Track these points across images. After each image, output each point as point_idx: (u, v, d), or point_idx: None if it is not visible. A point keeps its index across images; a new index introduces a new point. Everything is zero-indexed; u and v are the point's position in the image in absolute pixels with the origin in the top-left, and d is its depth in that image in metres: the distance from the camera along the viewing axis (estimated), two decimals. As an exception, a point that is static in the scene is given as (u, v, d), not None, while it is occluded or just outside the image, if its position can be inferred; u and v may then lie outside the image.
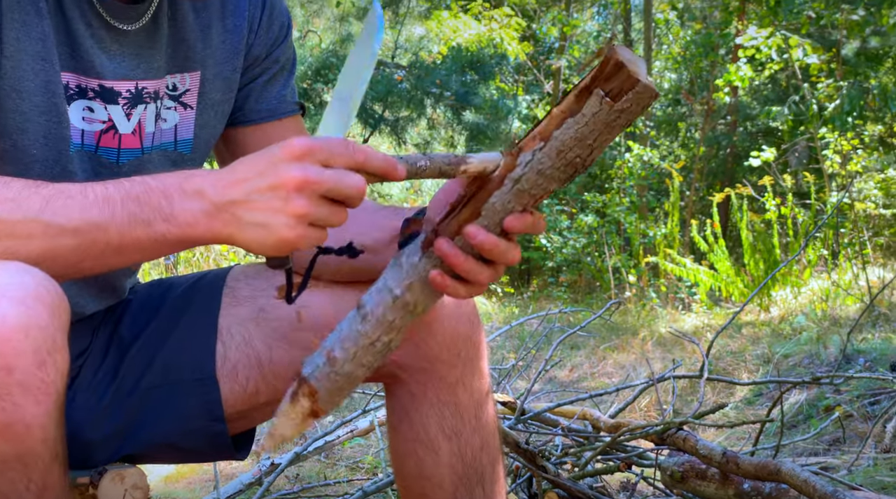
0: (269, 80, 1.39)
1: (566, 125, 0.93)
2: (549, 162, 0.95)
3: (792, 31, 8.83)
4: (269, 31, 1.37)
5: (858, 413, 3.28)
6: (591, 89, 0.92)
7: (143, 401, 1.30)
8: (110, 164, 1.25)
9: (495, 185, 0.98)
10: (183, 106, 1.31)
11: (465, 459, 1.33)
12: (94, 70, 1.20)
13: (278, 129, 1.40)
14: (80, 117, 1.21)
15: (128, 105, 1.24)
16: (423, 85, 6.30)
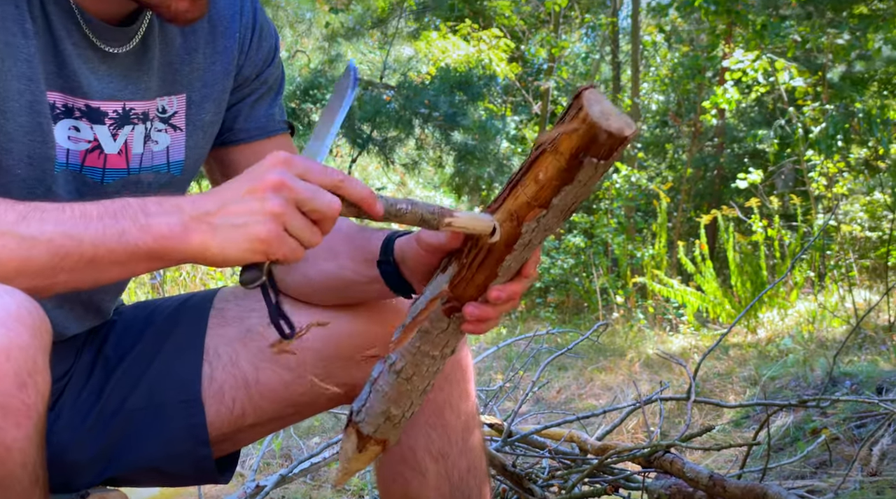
0: (258, 99, 1.39)
1: (563, 192, 0.96)
2: (554, 222, 1.00)
3: (778, 54, 8.90)
4: (258, 52, 1.37)
5: (845, 436, 3.28)
6: (580, 159, 0.93)
7: (127, 423, 1.29)
8: (94, 183, 1.25)
9: (505, 249, 1.02)
10: (173, 128, 1.31)
11: (451, 481, 1.33)
12: (80, 90, 1.20)
13: (267, 147, 1.40)
14: (65, 136, 1.20)
15: (114, 125, 1.24)
16: (411, 105, 6.31)
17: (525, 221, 0.98)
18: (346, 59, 7.01)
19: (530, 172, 0.96)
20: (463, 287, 1.05)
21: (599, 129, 0.90)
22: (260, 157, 1.38)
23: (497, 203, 1.01)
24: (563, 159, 0.93)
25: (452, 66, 7.85)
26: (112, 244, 0.97)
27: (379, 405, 1.11)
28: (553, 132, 0.94)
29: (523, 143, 12.61)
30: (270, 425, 1.37)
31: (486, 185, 10.38)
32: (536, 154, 0.96)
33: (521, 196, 0.97)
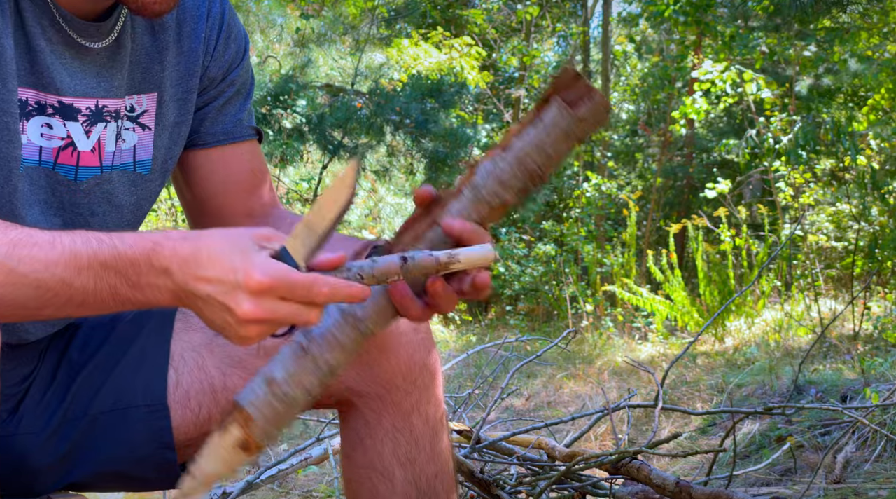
0: (225, 102, 1.39)
1: (526, 133, 0.95)
2: (509, 169, 0.96)
3: (746, 65, 9.00)
4: (225, 52, 1.37)
5: (810, 444, 3.31)
6: (549, 98, 0.95)
7: (91, 426, 1.28)
8: (68, 181, 1.24)
9: (453, 195, 0.98)
10: (141, 127, 1.30)
11: (419, 486, 1.32)
12: (53, 86, 1.19)
13: (233, 153, 1.40)
14: (38, 134, 1.19)
15: (87, 122, 1.23)
16: (382, 112, 6.31)
17: (482, 161, 0.97)
18: (317, 65, 6.99)
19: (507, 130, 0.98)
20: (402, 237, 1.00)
21: (577, 74, 0.94)
22: (226, 163, 1.38)
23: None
24: (535, 107, 0.96)
25: (424, 73, 7.86)
26: (103, 295, 0.97)
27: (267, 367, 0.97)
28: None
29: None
30: None
31: (456, 192, 10.38)
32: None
33: (491, 147, 0.99)
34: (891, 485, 2.75)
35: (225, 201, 1.41)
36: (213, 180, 1.40)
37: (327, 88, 6.94)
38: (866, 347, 5.33)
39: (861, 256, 7.50)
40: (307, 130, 6.24)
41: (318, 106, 6.32)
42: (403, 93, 6.56)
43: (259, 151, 1.44)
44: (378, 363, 1.29)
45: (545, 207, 12.11)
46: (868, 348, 5.27)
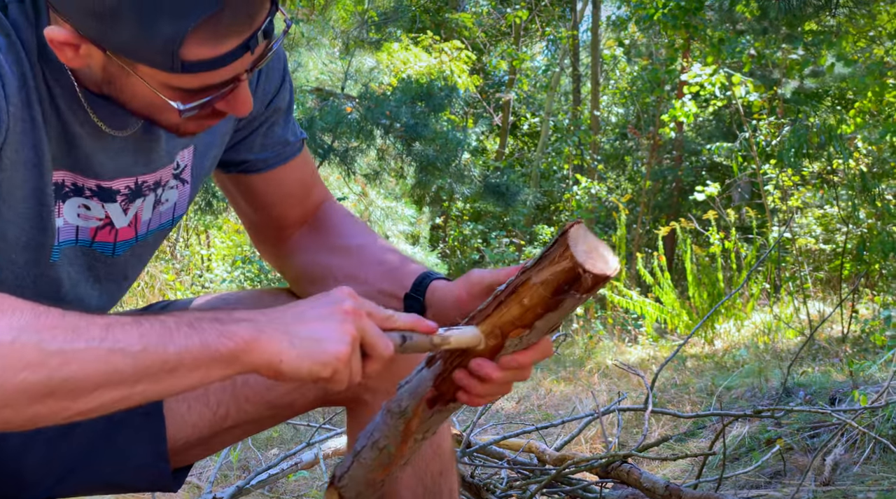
0: (270, 127, 1.39)
1: (546, 318, 1.01)
2: (535, 338, 1.05)
3: (735, 69, 9.04)
4: (266, 85, 1.35)
5: (799, 446, 3.32)
6: (563, 293, 0.99)
7: (85, 433, 1.28)
8: (105, 257, 1.25)
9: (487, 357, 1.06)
10: (182, 182, 1.31)
11: (425, 483, 1.34)
12: (91, 171, 1.18)
13: (284, 171, 1.42)
14: (75, 214, 1.19)
15: (125, 201, 1.23)
16: (372, 116, 6.31)
17: (509, 337, 1.04)
18: (307, 69, 6.99)
19: (515, 295, 1.01)
20: (447, 386, 1.09)
21: (583, 270, 0.96)
22: (281, 182, 1.41)
23: (482, 315, 1.05)
24: (547, 291, 0.99)
25: (414, 77, 7.87)
26: (196, 351, 0.94)
27: (361, 474, 1.17)
28: (539, 264, 0.99)
29: (484, 154, 12.66)
30: (248, 427, 1.37)
31: (447, 196, 10.41)
32: (521, 280, 1.00)
33: (505, 315, 1.03)
34: (879, 487, 2.76)
35: (282, 213, 1.44)
36: (271, 198, 1.43)
37: (317, 92, 6.93)
38: (854, 350, 5.35)
39: (849, 259, 7.53)
40: (297, 134, 6.24)
41: (307, 110, 6.32)
42: (393, 97, 6.56)
43: (307, 157, 1.46)
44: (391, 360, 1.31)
45: (535, 210, 12.13)
46: (856, 351, 5.30)
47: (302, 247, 1.43)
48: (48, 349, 0.88)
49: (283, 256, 1.46)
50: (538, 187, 11.60)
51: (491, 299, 1.04)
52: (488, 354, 1.05)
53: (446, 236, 12.04)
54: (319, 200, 1.49)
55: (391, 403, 1.13)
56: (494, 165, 10.92)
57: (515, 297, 1.01)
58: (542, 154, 13.19)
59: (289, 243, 1.45)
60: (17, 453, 1.24)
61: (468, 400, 1.08)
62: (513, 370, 1.06)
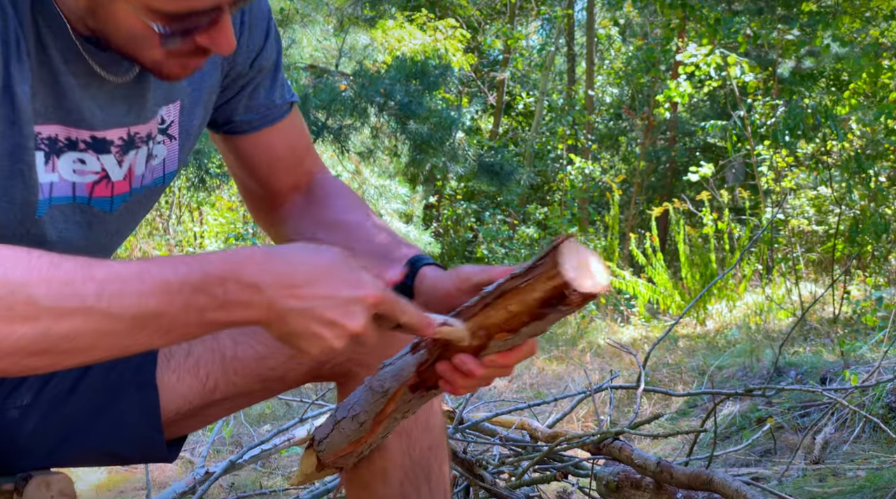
0: (255, 89, 1.38)
1: (532, 326, 1.01)
2: (520, 341, 1.05)
3: (731, 49, 9.02)
4: (249, 44, 1.34)
5: (789, 425, 3.34)
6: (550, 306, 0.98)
7: (80, 404, 1.28)
8: (103, 213, 1.24)
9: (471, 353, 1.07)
10: (169, 138, 1.29)
11: (413, 456, 1.34)
12: (84, 121, 1.16)
13: (271, 133, 1.41)
14: (70, 170, 1.17)
15: (119, 152, 1.21)
16: (366, 93, 6.28)
17: (494, 338, 1.04)
18: (301, 46, 6.95)
19: (502, 299, 1.01)
20: (429, 374, 1.10)
21: (570, 288, 0.96)
22: (270, 144, 1.40)
23: (469, 312, 1.05)
24: (534, 303, 0.99)
25: (408, 55, 7.84)
26: (190, 319, 0.95)
27: (340, 443, 1.19)
28: (527, 275, 0.98)
29: (478, 133, 12.64)
30: (239, 400, 1.37)
31: (441, 175, 10.39)
32: (510, 286, 1.00)
33: (492, 317, 1.03)
34: (869, 466, 2.78)
35: (271, 178, 1.44)
36: (259, 161, 1.42)
37: (311, 69, 6.90)
38: (846, 331, 5.37)
39: (841, 240, 7.55)
40: (291, 110, 6.22)
41: (301, 87, 6.28)
42: (388, 75, 6.53)
43: (297, 120, 1.45)
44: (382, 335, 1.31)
45: (529, 189, 12.12)
46: (847, 332, 5.32)
47: (293, 217, 1.43)
48: (42, 305, 0.88)
49: (276, 224, 1.46)
50: (532, 167, 11.58)
51: (478, 299, 1.04)
52: (472, 350, 1.05)
53: (440, 215, 12.03)
54: (313, 170, 1.48)
55: (374, 381, 1.14)
56: (488, 145, 10.90)
57: (502, 302, 1.01)
58: (536, 134, 13.16)
59: (281, 211, 1.45)
60: (12, 422, 1.24)
61: (450, 390, 1.09)
62: (495, 369, 1.07)
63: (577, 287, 0.95)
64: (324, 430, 1.22)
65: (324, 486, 2.37)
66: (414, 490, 1.35)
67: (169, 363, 1.31)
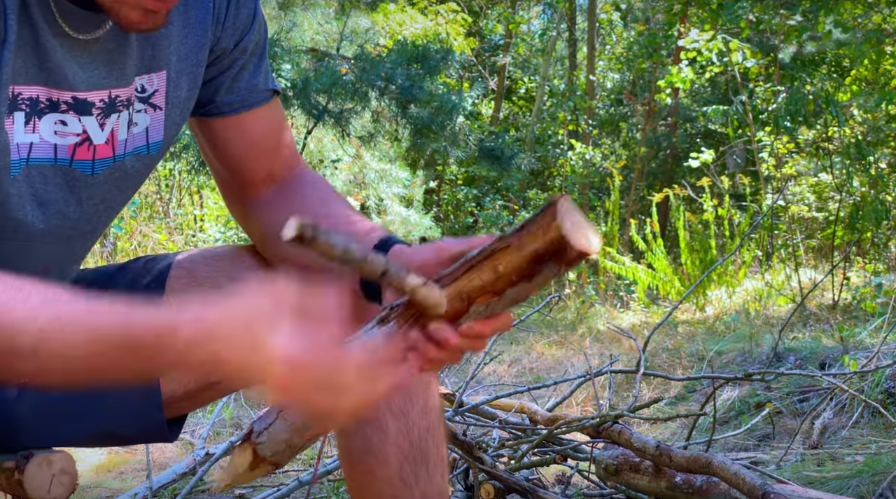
0: (239, 70, 1.35)
1: (519, 286, 0.99)
2: (501, 307, 1.02)
3: (733, 35, 8.99)
4: (236, 21, 1.33)
5: (788, 410, 3.35)
6: (542, 264, 0.96)
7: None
8: (84, 176, 1.22)
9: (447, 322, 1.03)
10: (153, 107, 1.28)
11: (411, 438, 1.34)
12: (66, 82, 1.15)
13: (250, 118, 1.37)
14: (52, 131, 1.17)
15: (101, 115, 1.21)
16: (368, 77, 6.26)
17: (475, 302, 1.01)
18: (302, 29, 6.94)
19: (490, 259, 0.99)
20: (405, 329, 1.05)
21: (568, 243, 0.94)
22: (246, 129, 1.37)
23: (450, 278, 1.02)
24: (525, 260, 0.97)
25: (409, 39, 7.81)
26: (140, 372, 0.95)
27: (284, 433, 1.08)
28: (521, 233, 0.97)
29: (479, 118, 12.61)
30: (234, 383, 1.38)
31: (441, 159, 10.38)
32: (500, 245, 0.98)
33: (475, 280, 1.00)
34: (867, 450, 2.79)
35: (246, 165, 1.39)
36: (234, 146, 1.38)
37: (312, 53, 6.88)
38: (845, 317, 5.38)
39: (841, 227, 7.55)
40: (291, 94, 6.19)
41: (302, 71, 6.27)
42: (389, 58, 6.51)
43: (277, 109, 1.42)
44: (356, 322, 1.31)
45: (529, 175, 12.11)
46: (846, 318, 5.33)
47: (267, 207, 1.39)
48: None
49: (249, 215, 1.41)
50: (532, 152, 11.56)
51: (460, 263, 1.02)
52: (448, 319, 1.03)
53: (440, 200, 12.02)
54: (288, 159, 1.44)
55: None
56: (489, 130, 10.88)
57: (490, 262, 0.99)
58: (536, 119, 13.13)
59: (254, 201, 1.40)
60: (10, 400, 1.24)
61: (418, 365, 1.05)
62: (469, 339, 1.04)
63: (574, 243, 0.94)
64: (265, 419, 1.11)
65: (324, 468, 2.37)
66: (413, 473, 1.35)
67: None
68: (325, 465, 2.43)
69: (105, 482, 3.04)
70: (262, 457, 1.08)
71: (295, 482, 2.32)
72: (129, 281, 1.37)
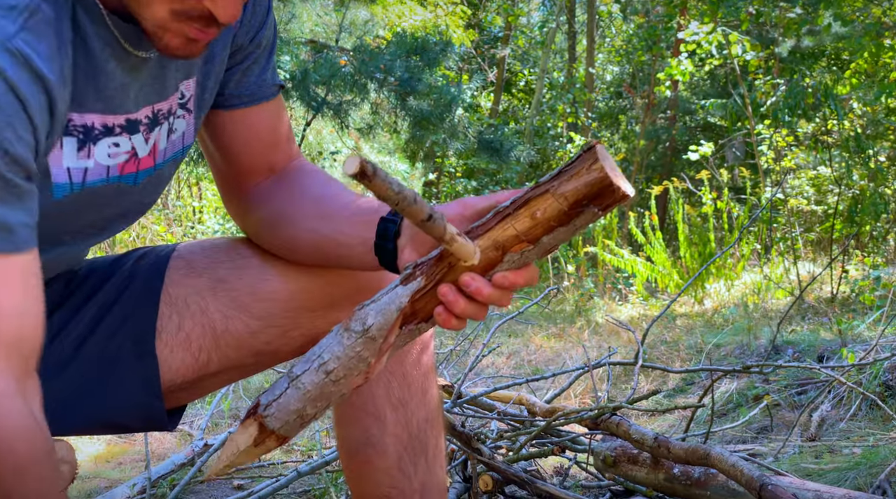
0: (251, 64, 1.36)
1: (555, 232, 0.99)
2: (535, 256, 1.02)
3: (732, 27, 8.98)
4: (252, 18, 1.34)
5: (786, 402, 3.36)
6: (583, 207, 0.96)
7: (80, 372, 1.29)
8: (129, 187, 1.24)
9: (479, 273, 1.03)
10: (188, 111, 1.29)
11: (410, 429, 1.35)
12: (122, 107, 1.16)
13: (257, 113, 1.38)
14: (105, 154, 1.17)
15: (146, 130, 1.22)
16: (367, 69, 6.26)
17: (509, 251, 1.01)
18: (301, 21, 6.92)
19: (526, 207, 0.99)
20: (424, 301, 1.05)
21: (612, 184, 0.95)
22: (251, 124, 1.38)
23: (483, 229, 1.02)
24: (566, 203, 0.97)
25: (409, 31, 7.80)
26: None
27: (296, 403, 1.06)
28: (560, 177, 0.97)
29: (478, 110, 12.60)
30: (233, 373, 1.38)
31: (440, 151, 10.37)
32: (537, 192, 0.98)
33: (509, 229, 1.00)
34: (865, 443, 2.80)
35: (245, 158, 1.39)
36: (237, 140, 1.39)
37: (311, 44, 6.87)
38: (843, 310, 5.39)
39: (840, 220, 7.55)
40: (291, 86, 6.19)
41: (301, 62, 6.26)
42: (388, 50, 6.50)
43: (281, 105, 1.43)
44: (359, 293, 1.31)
45: (529, 167, 12.10)
46: (845, 311, 5.33)
47: (266, 195, 1.39)
48: None
49: (246, 205, 1.41)
50: (532, 145, 11.56)
51: (492, 214, 1.02)
52: (479, 270, 1.02)
53: (439, 192, 12.01)
54: (289, 154, 1.44)
55: (351, 321, 1.05)
56: (488, 122, 10.87)
57: (526, 209, 0.99)
58: (536, 111, 13.13)
59: (253, 192, 1.40)
60: None
61: (444, 320, 1.05)
62: (500, 291, 1.03)
63: (618, 184, 0.94)
64: (275, 391, 1.07)
65: (322, 458, 2.38)
66: (412, 463, 1.36)
67: (160, 337, 1.32)
68: (323, 455, 2.44)
69: (104, 472, 3.04)
70: (270, 430, 1.06)
71: (293, 473, 2.32)
72: (128, 272, 1.37)
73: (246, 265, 1.34)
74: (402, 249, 1.17)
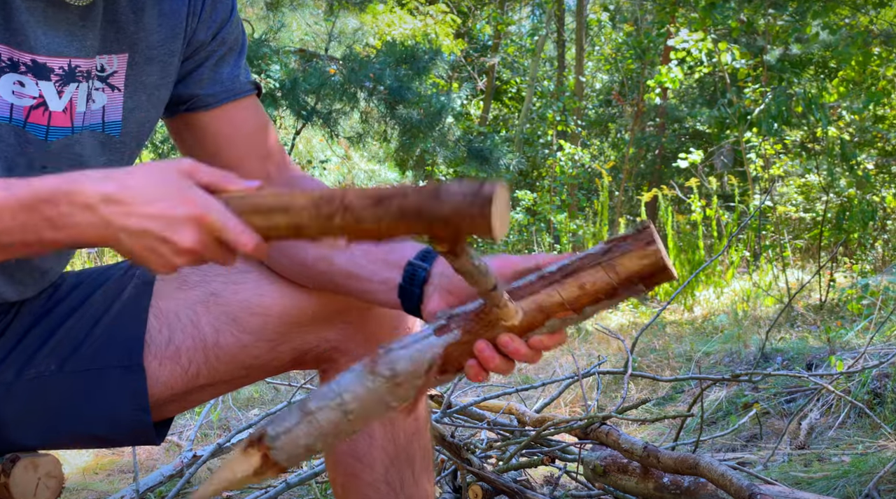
0: (218, 61, 1.36)
1: (600, 304, 1.01)
2: (573, 323, 1.04)
3: (722, 35, 9.02)
4: (213, 13, 1.34)
5: (775, 410, 3.36)
6: (633, 284, 0.99)
7: (66, 385, 1.28)
8: (38, 141, 1.22)
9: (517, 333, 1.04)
10: (111, 87, 1.28)
11: (397, 442, 1.35)
12: (27, 44, 1.17)
13: (236, 109, 1.38)
14: (9, 91, 1.18)
15: (60, 82, 1.21)
16: (356, 78, 6.27)
17: (553, 317, 1.03)
18: (290, 30, 6.93)
19: (575, 277, 1.01)
20: (458, 353, 1.05)
21: (666, 267, 0.98)
22: (232, 120, 1.37)
23: (526, 291, 1.03)
24: (617, 279, 0.99)
25: (398, 39, 7.82)
26: (30, 239, 0.98)
27: (306, 438, 1.02)
28: (613, 254, 0.99)
29: (468, 119, 12.61)
30: (221, 386, 1.37)
31: (430, 159, 10.38)
32: (587, 263, 1.00)
33: (555, 295, 1.02)
34: (854, 451, 2.81)
35: (234, 156, 1.38)
36: (221, 138, 1.38)
37: (301, 53, 6.88)
38: (831, 318, 5.40)
39: (828, 228, 7.58)
40: (280, 95, 6.19)
41: (291, 71, 6.26)
42: (377, 59, 6.52)
43: (259, 105, 1.42)
44: (365, 323, 1.32)
45: (518, 175, 12.12)
46: (833, 318, 5.35)
47: None
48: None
49: None
50: (521, 153, 11.58)
51: (537, 278, 1.03)
52: (518, 331, 1.04)
53: (429, 201, 12.01)
54: (284, 166, 1.43)
55: (377, 365, 1.02)
56: (478, 130, 10.89)
57: (575, 279, 1.00)
58: (525, 119, 13.15)
59: None
60: None
61: (475, 374, 1.05)
62: (534, 352, 1.05)
63: (671, 268, 0.97)
64: (284, 422, 1.03)
65: (311, 470, 2.37)
66: (398, 476, 1.36)
67: (150, 349, 1.31)
68: (312, 466, 2.43)
69: (91, 485, 3.02)
70: (273, 462, 1.02)
71: (283, 484, 2.32)
72: (116, 284, 1.37)
73: (242, 280, 1.33)
74: (430, 297, 1.16)
